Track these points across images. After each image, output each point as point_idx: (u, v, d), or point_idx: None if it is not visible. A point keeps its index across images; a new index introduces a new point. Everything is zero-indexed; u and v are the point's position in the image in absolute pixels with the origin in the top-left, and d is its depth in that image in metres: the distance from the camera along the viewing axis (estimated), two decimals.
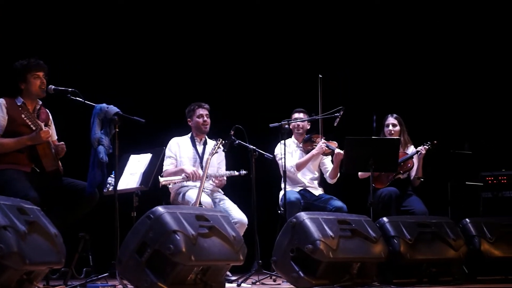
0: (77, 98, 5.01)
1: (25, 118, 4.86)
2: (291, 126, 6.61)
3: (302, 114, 6.69)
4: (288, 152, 6.42)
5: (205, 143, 6.31)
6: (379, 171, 6.43)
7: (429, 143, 6.57)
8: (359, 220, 5.10)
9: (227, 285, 5.06)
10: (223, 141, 5.99)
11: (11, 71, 5.09)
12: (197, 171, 5.99)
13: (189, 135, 6.34)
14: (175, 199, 6.12)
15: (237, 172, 6.04)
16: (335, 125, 6.39)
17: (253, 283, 5.58)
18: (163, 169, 6.14)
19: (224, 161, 6.34)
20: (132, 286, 4.25)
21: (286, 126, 6.23)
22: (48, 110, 5.27)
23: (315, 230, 4.72)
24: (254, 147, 6.03)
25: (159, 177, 5.96)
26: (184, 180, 5.97)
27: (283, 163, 6.11)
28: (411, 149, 6.74)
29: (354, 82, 8.53)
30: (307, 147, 6.63)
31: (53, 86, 5.05)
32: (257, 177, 5.97)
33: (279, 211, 6.35)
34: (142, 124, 5.08)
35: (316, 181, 6.70)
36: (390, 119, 6.72)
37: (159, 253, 4.06)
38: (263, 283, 5.63)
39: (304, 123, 6.68)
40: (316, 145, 6.52)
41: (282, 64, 8.43)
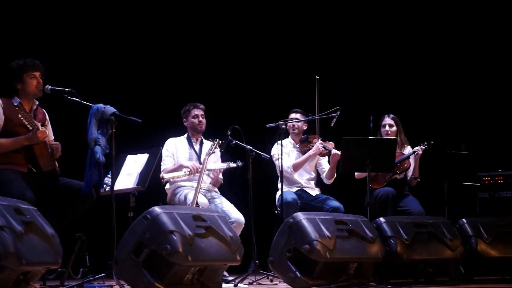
0: (74, 98, 5.02)
1: (22, 118, 4.86)
2: (287, 126, 6.61)
3: (299, 115, 6.68)
4: (285, 153, 6.42)
5: (202, 143, 6.32)
6: (376, 171, 6.43)
7: (426, 143, 6.57)
8: (356, 220, 5.10)
9: (224, 285, 5.06)
10: (220, 141, 5.99)
11: (7, 71, 5.08)
12: (195, 164, 5.99)
13: (185, 136, 6.34)
14: (172, 200, 6.12)
15: (234, 164, 6.03)
16: (332, 126, 6.39)
17: (250, 283, 5.58)
18: (162, 169, 6.13)
19: (220, 161, 6.34)
20: (129, 287, 4.24)
21: (283, 127, 6.22)
22: (45, 110, 5.27)
23: (312, 230, 4.72)
24: (251, 147, 6.03)
25: (162, 173, 5.96)
26: (187, 175, 5.96)
27: (280, 164, 6.12)
28: (408, 149, 6.74)
29: (351, 83, 8.54)
30: (304, 148, 6.63)
31: (50, 86, 5.05)
32: (254, 177, 5.98)
33: (276, 211, 6.34)
34: (139, 124, 5.08)
35: (313, 182, 6.70)
36: (387, 120, 6.72)
37: (156, 253, 4.06)
38: (260, 283, 5.63)
39: (300, 124, 6.67)
40: (313, 146, 6.52)
41: (279, 65, 8.43)
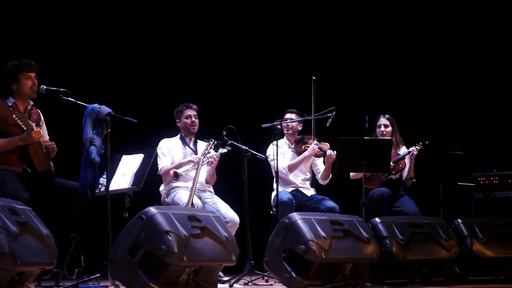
0: (69, 99, 5.01)
1: (16, 119, 4.84)
2: (282, 127, 6.60)
3: (294, 115, 6.67)
4: (280, 153, 6.41)
5: (195, 143, 6.31)
6: (371, 172, 6.44)
7: (421, 144, 6.57)
8: (351, 221, 5.10)
9: (219, 286, 5.05)
10: (216, 142, 5.98)
11: (2, 72, 5.07)
12: (195, 157, 6.01)
13: (178, 136, 6.32)
14: (166, 200, 6.10)
15: (224, 149, 5.97)
16: (327, 126, 6.39)
17: (245, 284, 5.57)
18: (159, 168, 6.10)
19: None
20: (124, 287, 4.23)
21: (279, 127, 6.22)
22: (40, 111, 5.25)
23: (308, 231, 4.72)
24: (247, 148, 6.03)
25: (173, 170, 5.97)
26: (194, 167, 5.95)
27: (275, 164, 6.12)
28: (403, 150, 6.74)
29: (347, 83, 8.54)
30: (299, 148, 6.62)
31: (45, 86, 5.04)
32: (249, 178, 5.97)
33: (271, 212, 6.34)
34: (134, 125, 5.07)
35: (308, 182, 6.69)
36: (382, 120, 6.72)
37: (151, 254, 4.05)
38: (255, 284, 5.63)
39: (294, 124, 6.66)
40: (308, 146, 6.52)
41: (275, 65, 8.43)
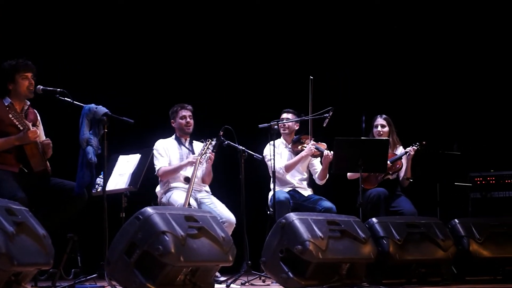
0: (66, 99, 5.00)
1: (13, 118, 4.83)
2: (279, 127, 6.59)
3: (290, 115, 6.67)
4: (277, 153, 6.40)
5: (191, 143, 6.30)
6: (368, 172, 6.44)
7: (418, 144, 6.58)
8: (348, 221, 5.10)
9: (216, 286, 5.05)
10: (212, 142, 5.97)
11: None
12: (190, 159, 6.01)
13: (173, 137, 6.32)
14: (162, 201, 6.10)
15: (214, 141, 5.96)
16: (324, 126, 6.39)
17: (242, 284, 5.57)
18: (157, 168, 6.09)
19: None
20: (121, 287, 4.23)
21: (276, 127, 6.22)
22: (37, 111, 5.24)
23: (305, 231, 4.71)
24: (243, 148, 6.02)
25: (182, 175, 5.98)
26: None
27: (272, 164, 6.11)
28: (400, 150, 6.74)
29: (344, 83, 8.54)
30: (296, 148, 6.61)
31: (42, 86, 5.03)
32: (246, 178, 5.97)
33: (268, 212, 6.34)
34: (131, 125, 5.07)
35: (305, 182, 6.69)
36: (379, 120, 6.72)
37: (148, 254, 4.05)
38: (252, 284, 5.63)
39: (291, 124, 6.66)
40: (305, 146, 6.51)
41: (272, 65, 8.42)
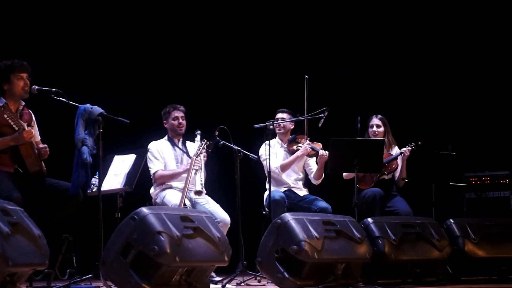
0: (61, 99, 5.00)
1: (8, 119, 4.82)
2: (274, 126, 6.58)
3: (285, 114, 6.67)
4: (273, 153, 6.40)
5: (184, 143, 6.29)
6: (364, 172, 6.44)
7: (413, 144, 6.58)
8: (344, 221, 5.10)
9: (212, 286, 5.05)
10: (208, 142, 5.97)
11: None
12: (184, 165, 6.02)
13: (166, 138, 6.30)
14: (156, 202, 6.09)
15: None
16: (320, 126, 6.39)
17: (238, 284, 5.57)
18: (153, 171, 6.09)
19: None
20: None
21: (271, 127, 6.22)
22: (32, 111, 5.23)
23: (300, 231, 4.71)
24: (239, 148, 6.02)
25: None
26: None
27: (268, 164, 6.11)
28: (395, 150, 6.75)
29: (339, 83, 8.54)
30: (291, 148, 6.61)
31: (37, 87, 5.02)
32: (242, 178, 5.97)
33: (264, 212, 6.34)
34: (126, 125, 5.06)
35: (301, 182, 6.69)
36: (375, 120, 6.73)
37: (144, 254, 4.05)
38: (248, 284, 5.63)
39: (286, 123, 6.66)
40: (301, 146, 6.52)
41: (267, 65, 8.42)
